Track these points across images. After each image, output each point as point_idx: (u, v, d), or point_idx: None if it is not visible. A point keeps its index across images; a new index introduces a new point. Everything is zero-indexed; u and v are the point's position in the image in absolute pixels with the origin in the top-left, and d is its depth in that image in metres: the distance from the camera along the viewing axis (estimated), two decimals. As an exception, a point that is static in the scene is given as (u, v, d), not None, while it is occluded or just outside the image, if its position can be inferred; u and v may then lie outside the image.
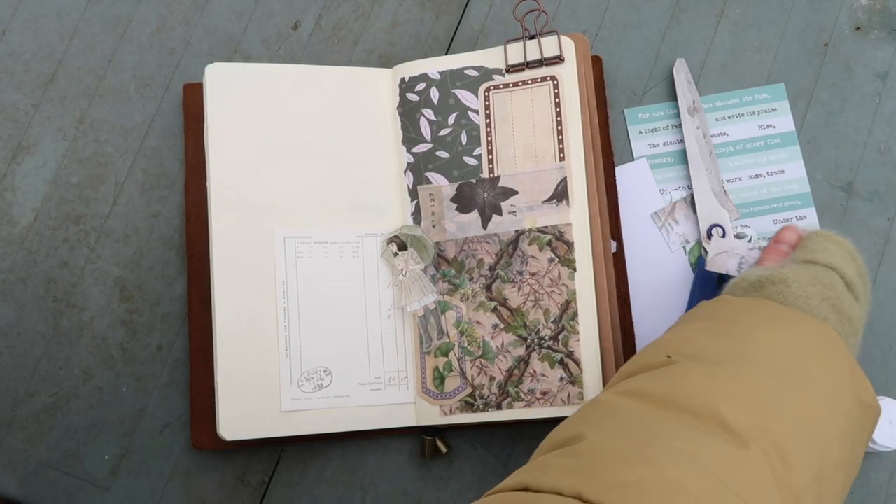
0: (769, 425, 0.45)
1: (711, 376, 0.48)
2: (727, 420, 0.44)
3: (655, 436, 0.44)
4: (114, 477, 0.67)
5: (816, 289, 0.56)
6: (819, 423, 0.48)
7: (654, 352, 0.53)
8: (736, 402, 0.46)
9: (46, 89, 0.72)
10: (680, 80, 0.71)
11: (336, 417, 0.65)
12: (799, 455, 0.45)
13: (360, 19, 0.74)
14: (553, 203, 0.65)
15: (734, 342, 0.51)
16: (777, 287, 0.56)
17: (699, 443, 0.43)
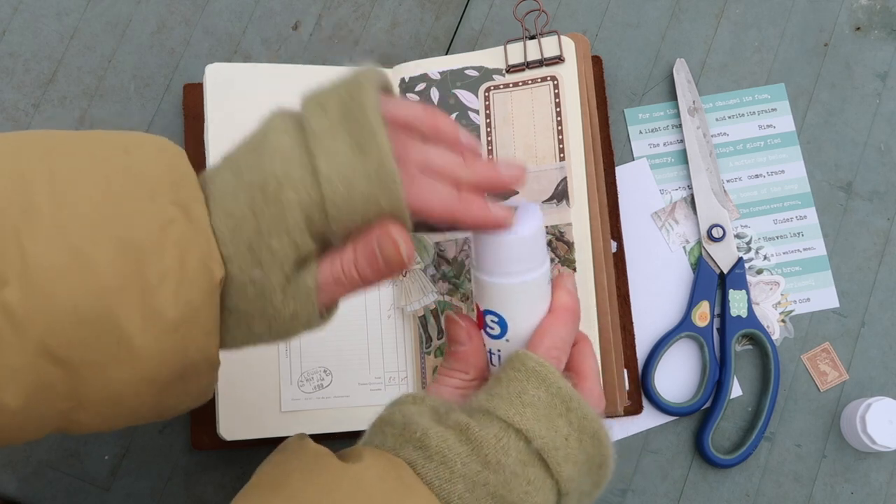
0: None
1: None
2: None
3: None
4: (114, 477, 0.67)
5: (468, 471, 0.41)
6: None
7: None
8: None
9: (46, 89, 0.72)
10: (680, 80, 0.71)
11: (336, 417, 0.65)
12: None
13: (360, 19, 0.74)
14: (553, 203, 0.65)
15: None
16: (416, 453, 0.42)
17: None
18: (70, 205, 0.37)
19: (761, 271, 0.70)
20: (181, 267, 0.38)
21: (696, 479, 0.67)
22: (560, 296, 0.46)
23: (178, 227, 0.38)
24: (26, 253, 0.35)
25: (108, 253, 0.37)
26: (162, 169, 0.40)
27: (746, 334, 0.68)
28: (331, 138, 0.40)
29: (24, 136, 0.40)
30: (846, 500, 0.67)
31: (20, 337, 0.35)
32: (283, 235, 0.39)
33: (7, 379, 0.36)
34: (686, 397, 0.68)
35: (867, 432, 0.64)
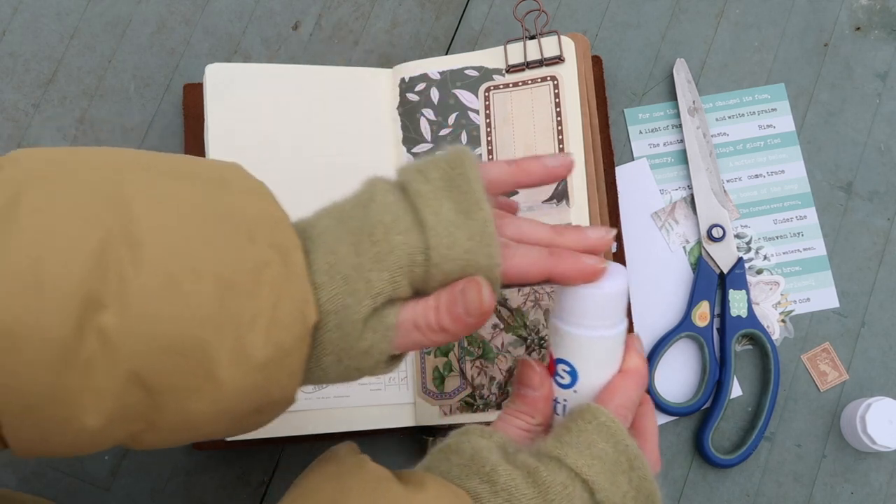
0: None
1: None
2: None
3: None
4: (114, 477, 0.67)
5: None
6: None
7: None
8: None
9: (46, 89, 0.72)
10: (680, 80, 0.71)
11: (336, 418, 0.65)
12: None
13: (360, 19, 0.74)
14: (553, 203, 0.65)
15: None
16: (482, 486, 0.42)
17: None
18: (172, 238, 0.38)
19: (761, 271, 0.70)
20: (274, 310, 0.39)
21: (696, 479, 0.67)
22: (632, 357, 0.47)
23: (273, 270, 0.39)
24: (127, 281, 0.36)
25: (205, 288, 0.37)
26: (258, 210, 0.41)
27: (746, 334, 0.68)
28: (435, 200, 0.43)
29: (124, 158, 0.41)
30: (846, 500, 0.67)
31: (112, 360, 0.36)
32: (383, 272, 0.41)
33: (92, 400, 0.37)
34: (686, 397, 0.68)
35: (867, 432, 0.64)
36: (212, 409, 0.39)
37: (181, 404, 0.38)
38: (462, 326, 0.42)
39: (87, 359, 0.36)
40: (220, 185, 0.41)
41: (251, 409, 0.40)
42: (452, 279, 0.42)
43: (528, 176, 0.47)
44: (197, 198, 0.40)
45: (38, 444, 0.38)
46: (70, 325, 0.35)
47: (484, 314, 0.42)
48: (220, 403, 0.39)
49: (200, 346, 0.37)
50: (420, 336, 0.43)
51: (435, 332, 0.42)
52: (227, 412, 0.40)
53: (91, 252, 0.36)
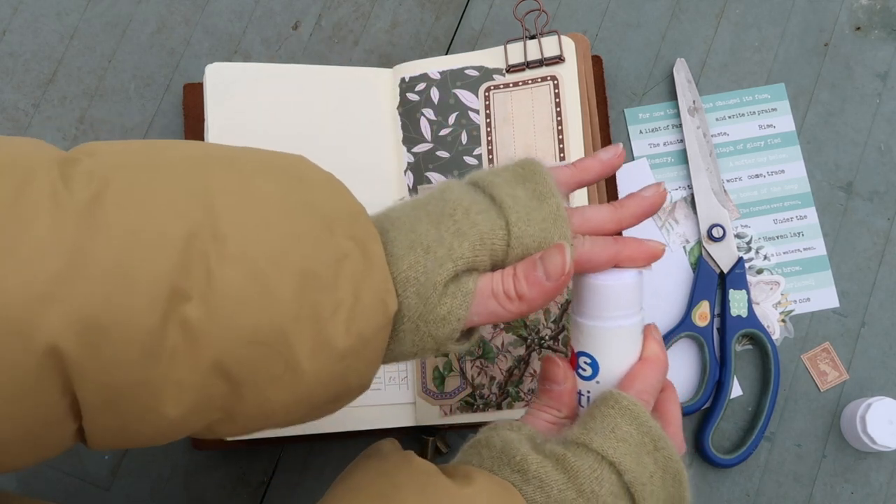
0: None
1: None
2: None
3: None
4: (114, 477, 0.67)
5: (564, 497, 0.43)
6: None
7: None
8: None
9: (46, 89, 0.72)
10: (680, 80, 0.71)
11: (336, 417, 0.65)
12: None
13: (360, 19, 0.74)
14: (553, 203, 0.65)
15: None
16: (514, 475, 0.44)
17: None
18: (255, 232, 0.38)
19: (761, 271, 0.70)
20: (355, 300, 0.39)
21: (696, 478, 0.67)
22: (651, 345, 0.49)
23: (353, 261, 0.40)
24: (213, 274, 0.37)
25: (288, 281, 0.38)
26: (336, 202, 0.42)
27: (746, 334, 0.68)
28: (510, 187, 0.45)
29: (203, 152, 0.41)
30: (846, 500, 0.67)
31: (195, 353, 0.37)
32: (464, 242, 0.42)
33: (174, 391, 0.37)
34: (686, 397, 0.68)
35: (867, 432, 0.64)
36: (290, 399, 0.39)
37: (262, 394, 0.39)
38: (539, 291, 0.43)
39: (171, 350, 0.36)
40: (298, 180, 0.42)
41: (328, 397, 0.41)
42: (528, 255, 0.44)
43: (587, 173, 0.49)
44: (276, 192, 0.40)
45: (116, 435, 0.38)
46: (156, 317, 0.36)
47: (564, 278, 0.43)
48: (300, 393, 0.39)
49: (283, 336, 0.38)
50: (497, 305, 0.43)
51: (512, 299, 0.43)
52: (304, 401, 0.40)
53: (177, 246, 0.36)
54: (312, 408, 0.42)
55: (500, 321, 0.44)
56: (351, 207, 0.42)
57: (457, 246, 0.42)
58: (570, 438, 0.45)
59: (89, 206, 0.36)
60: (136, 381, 0.36)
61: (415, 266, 0.42)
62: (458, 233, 0.42)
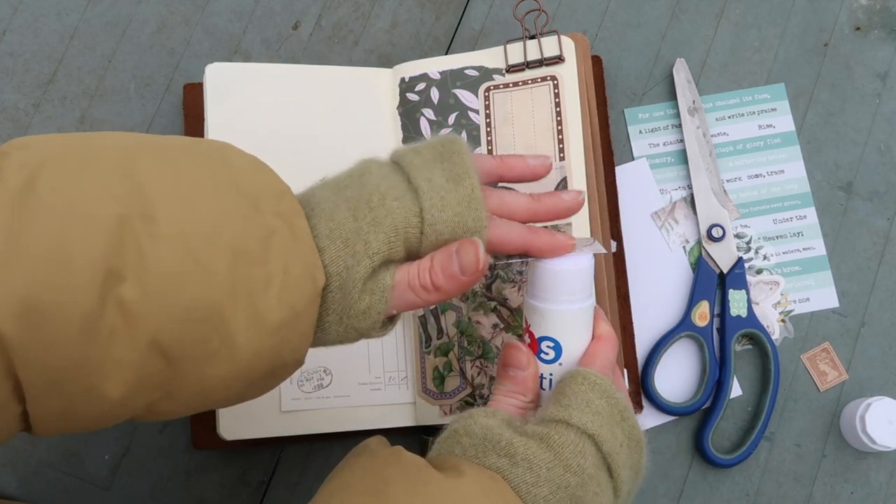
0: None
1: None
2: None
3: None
4: (114, 477, 0.67)
5: (553, 475, 0.44)
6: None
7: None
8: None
9: (46, 89, 0.72)
10: (680, 80, 0.71)
11: (336, 417, 0.65)
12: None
13: (360, 19, 0.74)
14: (553, 203, 0.65)
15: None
16: (501, 460, 0.44)
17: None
18: (184, 212, 0.39)
19: (761, 271, 0.70)
20: (285, 274, 0.41)
21: (696, 479, 0.67)
22: (602, 325, 0.51)
23: (280, 237, 0.41)
24: (145, 254, 0.38)
25: (219, 257, 0.39)
26: (262, 182, 0.43)
27: (746, 334, 0.68)
28: (427, 169, 0.46)
29: (133, 140, 0.42)
30: (846, 500, 0.67)
31: (133, 331, 0.37)
32: (380, 234, 0.44)
33: (114, 371, 0.38)
34: (686, 397, 0.68)
35: (867, 432, 0.64)
36: (228, 374, 0.40)
37: (199, 370, 0.40)
38: (455, 285, 0.45)
39: (109, 330, 0.37)
40: (223, 162, 0.43)
41: (265, 372, 0.42)
42: (443, 242, 0.45)
43: (511, 171, 0.51)
44: (203, 174, 0.41)
45: (60, 418, 0.39)
46: (93, 298, 0.36)
47: (478, 273, 0.44)
48: (236, 368, 0.40)
49: (217, 312, 0.39)
50: (414, 296, 0.45)
51: (429, 291, 0.45)
52: (241, 377, 0.41)
53: (109, 228, 0.37)
54: (249, 384, 0.42)
55: (418, 308, 0.46)
56: (276, 186, 0.43)
57: (373, 240, 0.43)
58: (548, 417, 0.46)
59: (22, 192, 0.37)
60: (77, 362, 0.37)
61: (336, 261, 0.43)
62: (374, 222, 0.44)
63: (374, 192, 0.45)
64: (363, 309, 0.44)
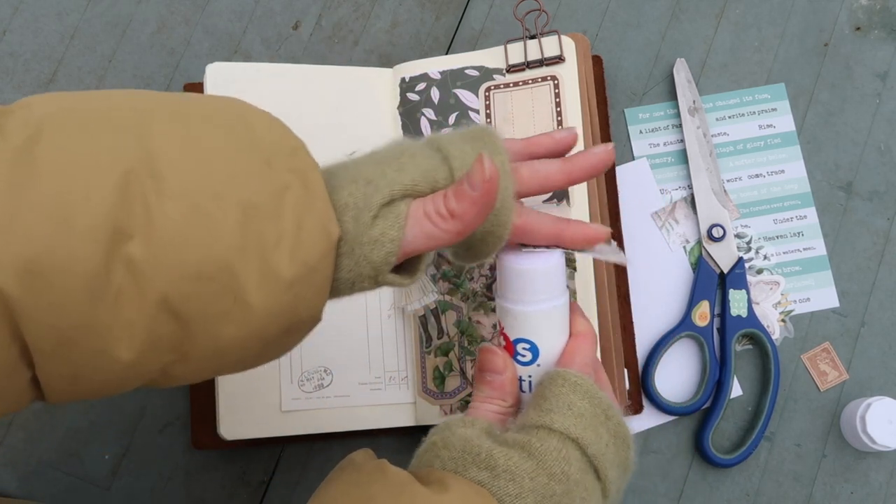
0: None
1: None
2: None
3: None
4: (114, 477, 0.67)
5: (537, 484, 0.42)
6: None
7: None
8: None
9: (47, 89, 0.72)
10: (680, 80, 0.71)
11: (336, 417, 0.65)
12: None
13: (360, 19, 0.74)
14: (553, 203, 0.65)
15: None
16: (482, 473, 0.43)
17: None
18: (193, 167, 0.38)
19: (761, 271, 0.70)
20: (298, 229, 0.40)
21: (696, 478, 0.67)
22: (579, 321, 0.50)
23: (294, 192, 0.40)
24: (152, 211, 0.37)
25: (229, 213, 0.38)
26: (275, 138, 0.42)
27: (746, 334, 0.68)
28: (459, 144, 0.46)
29: (141, 96, 0.41)
30: (846, 500, 0.67)
31: (141, 290, 0.37)
32: (403, 172, 0.43)
33: (124, 332, 0.37)
34: (686, 397, 0.68)
35: (867, 432, 0.64)
36: (242, 334, 0.39)
37: (212, 330, 0.39)
38: (469, 203, 0.43)
39: (117, 290, 0.36)
40: (238, 118, 0.42)
41: (280, 330, 0.41)
42: None
43: (538, 147, 0.50)
44: (216, 130, 0.40)
45: (71, 383, 0.38)
46: (99, 256, 0.36)
47: (487, 185, 0.43)
48: (250, 327, 0.39)
49: (228, 269, 0.38)
50: (431, 226, 0.43)
51: (444, 217, 0.43)
52: (256, 336, 0.40)
53: (115, 185, 0.36)
54: (265, 343, 0.41)
55: (440, 245, 0.44)
56: (290, 142, 0.42)
57: (396, 176, 0.43)
58: (529, 423, 0.45)
59: (24, 149, 0.36)
60: (84, 323, 0.36)
61: (354, 194, 0.42)
62: (401, 169, 0.43)
63: (404, 151, 0.45)
64: (376, 236, 0.42)
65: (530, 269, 0.48)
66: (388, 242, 0.42)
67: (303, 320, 0.42)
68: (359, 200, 0.42)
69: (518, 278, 0.48)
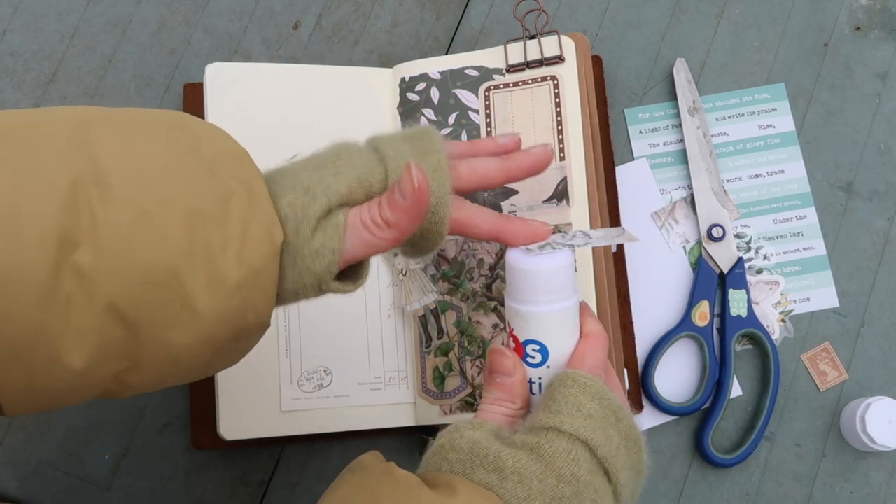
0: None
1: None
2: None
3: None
4: (114, 477, 0.67)
5: (546, 487, 0.42)
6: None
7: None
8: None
9: (47, 89, 0.72)
10: (680, 80, 0.71)
11: (336, 417, 0.65)
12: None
13: (360, 19, 0.74)
14: (553, 203, 0.65)
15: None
16: (490, 475, 0.43)
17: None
18: (138, 176, 0.39)
19: (761, 271, 0.70)
20: (243, 234, 0.41)
21: (696, 478, 0.67)
22: (590, 322, 0.49)
23: (238, 199, 0.41)
24: (98, 219, 0.38)
25: (175, 219, 0.39)
26: (219, 147, 0.43)
27: (746, 334, 0.68)
28: (395, 143, 0.47)
29: (85, 111, 0.42)
30: (846, 500, 0.67)
31: (90, 297, 0.37)
32: (339, 177, 0.44)
33: (74, 339, 0.38)
34: (686, 397, 0.68)
35: (867, 432, 0.64)
36: (192, 339, 0.40)
37: (162, 336, 0.40)
38: (401, 212, 0.44)
39: (66, 297, 0.37)
40: (180, 129, 0.43)
41: (230, 335, 0.42)
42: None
43: (483, 149, 0.51)
44: (159, 140, 0.41)
45: (26, 392, 0.39)
46: (48, 265, 0.36)
47: (416, 193, 0.44)
48: (200, 332, 0.40)
49: (175, 274, 0.39)
50: (368, 234, 0.44)
51: (380, 226, 0.44)
52: (206, 341, 0.41)
53: (62, 195, 0.37)
54: (215, 349, 0.42)
55: (380, 251, 0.45)
56: (234, 150, 0.43)
57: (332, 182, 0.44)
58: (537, 425, 0.45)
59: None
60: (36, 331, 0.37)
61: (293, 203, 0.43)
62: (337, 173, 0.44)
63: (341, 154, 0.46)
64: (316, 247, 0.43)
65: (538, 270, 0.47)
66: (328, 253, 0.43)
67: (251, 326, 0.42)
68: (297, 211, 0.43)
69: (526, 279, 0.48)
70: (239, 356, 0.45)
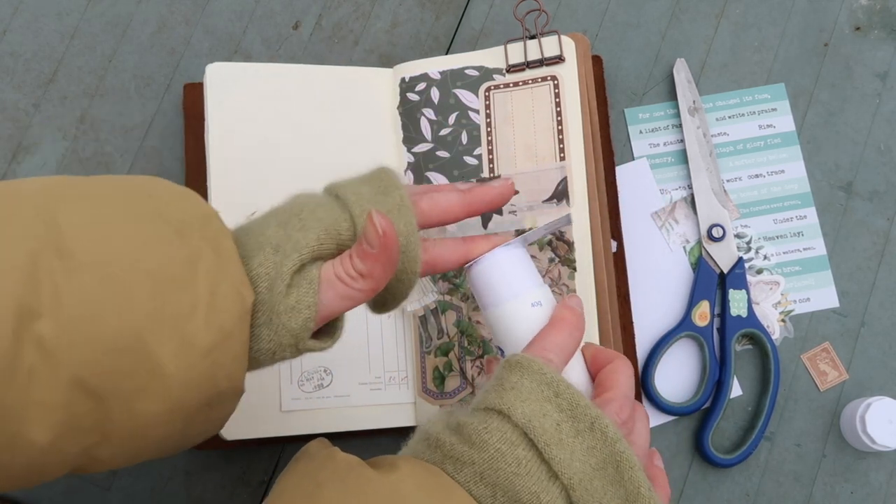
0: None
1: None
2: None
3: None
4: (114, 477, 0.67)
5: (455, 452, 0.43)
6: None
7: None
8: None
9: (47, 89, 0.72)
10: (680, 80, 0.71)
11: (336, 417, 0.65)
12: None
13: (360, 19, 0.74)
14: (553, 203, 0.65)
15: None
16: (434, 454, 0.44)
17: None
18: (101, 243, 0.38)
19: (761, 271, 0.70)
20: (212, 296, 0.40)
21: (696, 478, 0.67)
22: (557, 310, 0.48)
23: (206, 260, 0.40)
24: (60, 288, 0.36)
25: (139, 285, 0.38)
26: (187, 209, 0.42)
27: (746, 334, 0.68)
28: (354, 186, 0.47)
29: (46, 181, 0.42)
30: (846, 500, 0.67)
31: (53, 370, 0.36)
32: (309, 234, 0.44)
33: (37, 413, 0.36)
34: (686, 397, 0.68)
35: (867, 432, 0.64)
36: (162, 408, 0.39)
37: (130, 407, 0.38)
38: (372, 262, 0.44)
39: (28, 369, 0.36)
40: (145, 194, 0.42)
41: (201, 402, 0.41)
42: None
43: (442, 187, 0.51)
44: (123, 208, 0.41)
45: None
46: (7, 338, 0.35)
47: (383, 240, 0.43)
48: (170, 400, 0.39)
49: (141, 341, 0.38)
50: (343, 287, 0.44)
51: (354, 278, 0.44)
52: (177, 409, 0.40)
53: (21, 265, 0.36)
54: (187, 418, 0.41)
55: (358, 303, 0.45)
56: (201, 211, 0.43)
57: (301, 238, 0.43)
58: (471, 406, 0.45)
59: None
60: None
61: (264, 263, 0.42)
62: (304, 228, 0.44)
63: (304, 207, 0.45)
64: (292, 304, 0.42)
65: (478, 270, 0.47)
66: (304, 309, 0.43)
67: (223, 391, 0.42)
68: (270, 270, 0.42)
69: (472, 283, 0.48)
70: (214, 425, 0.44)
